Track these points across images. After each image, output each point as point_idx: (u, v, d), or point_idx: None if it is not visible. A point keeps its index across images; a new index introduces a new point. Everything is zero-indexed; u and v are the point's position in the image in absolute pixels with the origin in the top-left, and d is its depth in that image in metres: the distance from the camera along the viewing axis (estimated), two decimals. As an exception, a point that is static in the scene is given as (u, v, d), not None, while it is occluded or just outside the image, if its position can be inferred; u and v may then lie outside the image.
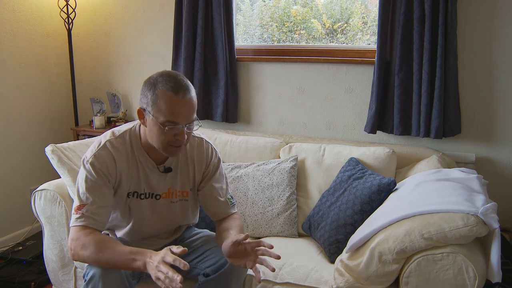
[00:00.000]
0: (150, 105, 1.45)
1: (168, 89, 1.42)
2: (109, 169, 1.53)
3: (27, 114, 2.97)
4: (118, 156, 1.55)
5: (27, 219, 2.93)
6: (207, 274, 1.61)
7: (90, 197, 1.48)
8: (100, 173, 1.51)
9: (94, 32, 3.14)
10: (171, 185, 1.66)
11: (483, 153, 2.30)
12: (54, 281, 2.14)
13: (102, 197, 1.51)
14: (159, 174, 1.63)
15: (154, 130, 1.47)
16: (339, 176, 2.11)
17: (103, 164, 1.52)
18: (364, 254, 1.55)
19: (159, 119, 1.44)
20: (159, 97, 1.43)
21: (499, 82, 2.22)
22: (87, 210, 1.47)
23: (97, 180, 1.50)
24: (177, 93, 1.42)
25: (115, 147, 1.55)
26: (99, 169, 1.51)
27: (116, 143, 1.56)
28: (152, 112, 1.45)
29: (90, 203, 1.48)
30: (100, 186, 1.51)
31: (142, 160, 1.59)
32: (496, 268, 1.40)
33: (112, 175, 1.54)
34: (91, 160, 1.51)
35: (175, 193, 1.67)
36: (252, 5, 2.95)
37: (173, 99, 1.42)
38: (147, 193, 1.62)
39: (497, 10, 2.17)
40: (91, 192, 1.49)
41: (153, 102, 1.44)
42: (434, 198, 1.62)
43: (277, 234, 2.17)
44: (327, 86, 2.55)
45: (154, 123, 1.46)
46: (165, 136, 1.46)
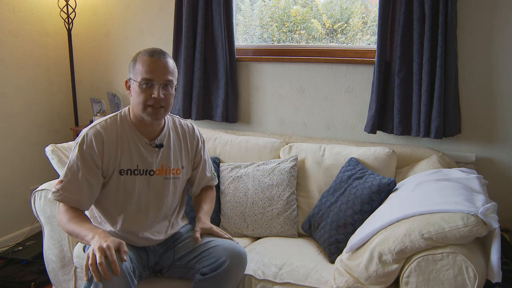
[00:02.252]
0: (132, 71, 1.64)
1: (145, 53, 1.63)
2: (96, 150, 1.62)
3: (27, 114, 2.97)
4: (108, 136, 1.65)
5: (27, 219, 2.93)
6: (204, 273, 1.62)
7: (70, 175, 1.61)
8: (86, 155, 1.61)
9: (94, 32, 3.14)
10: (164, 162, 1.74)
11: (483, 153, 2.30)
12: (54, 281, 2.14)
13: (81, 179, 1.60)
14: (152, 150, 1.71)
15: (134, 93, 1.63)
16: (339, 176, 2.11)
17: (90, 146, 1.62)
18: (364, 254, 1.55)
19: (137, 79, 1.61)
20: (137, 61, 1.63)
21: (499, 82, 2.22)
22: (62, 188, 1.60)
23: (80, 162, 1.60)
24: (152, 55, 1.62)
25: (105, 129, 1.66)
26: (85, 150, 1.61)
27: (107, 125, 1.67)
28: (133, 77, 1.64)
29: (67, 180, 1.61)
30: (82, 168, 1.60)
31: (134, 136, 1.69)
32: (496, 268, 1.40)
33: (98, 157, 1.63)
34: (79, 141, 1.63)
35: (168, 170, 1.75)
36: (252, 5, 2.95)
37: (148, 60, 1.61)
38: (141, 169, 1.70)
39: (497, 10, 2.17)
40: (71, 171, 1.61)
41: (133, 67, 1.64)
42: (434, 198, 1.62)
43: (277, 234, 2.17)
44: (327, 86, 2.55)
45: (134, 86, 1.62)
46: (143, 95, 1.60)
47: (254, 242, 2.14)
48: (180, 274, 1.74)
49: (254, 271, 1.76)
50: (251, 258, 1.79)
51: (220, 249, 1.64)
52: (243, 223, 2.19)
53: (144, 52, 1.64)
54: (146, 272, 1.73)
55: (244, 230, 2.19)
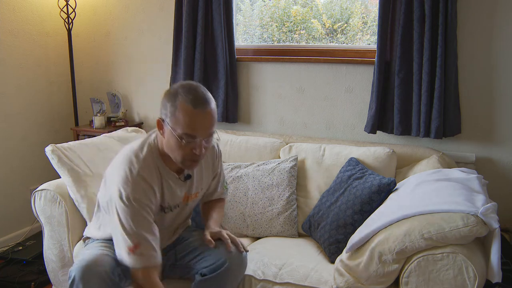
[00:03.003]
0: (169, 116, 1.44)
1: (187, 101, 1.41)
2: (150, 197, 1.50)
3: (27, 114, 2.97)
4: (151, 180, 1.52)
5: (27, 219, 2.92)
6: (204, 274, 1.62)
7: (143, 234, 1.45)
8: (145, 206, 1.48)
9: (94, 32, 3.14)
10: (188, 190, 1.68)
11: (483, 153, 2.30)
12: (54, 281, 2.14)
13: (152, 231, 1.48)
14: (180, 184, 1.63)
15: (171, 142, 1.46)
16: (339, 176, 2.11)
17: (143, 196, 1.48)
18: (364, 254, 1.55)
19: (177, 131, 1.43)
20: (178, 109, 1.42)
21: (499, 82, 2.22)
22: (145, 248, 1.45)
23: (143, 215, 1.47)
24: (196, 106, 1.41)
25: (147, 172, 1.51)
26: (142, 203, 1.47)
27: (146, 167, 1.51)
28: (170, 124, 1.44)
29: (144, 240, 1.45)
30: (148, 220, 1.48)
31: (165, 174, 1.57)
32: (496, 268, 1.40)
33: (153, 202, 1.52)
34: (132, 196, 1.46)
35: (190, 197, 1.70)
36: (252, 5, 2.95)
37: (191, 112, 1.41)
38: (171, 206, 1.63)
39: (497, 10, 2.17)
40: (142, 229, 1.46)
41: (172, 113, 1.43)
42: (434, 198, 1.62)
43: (277, 234, 2.17)
44: (327, 86, 2.55)
45: (171, 135, 1.45)
46: (182, 149, 1.45)
47: (254, 242, 2.14)
48: (180, 274, 1.74)
49: (254, 271, 1.76)
50: (251, 258, 1.79)
51: (221, 250, 1.64)
52: (243, 223, 2.19)
53: (187, 98, 1.41)
54: None
55: (244, 230, 2.19)
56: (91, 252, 1.55)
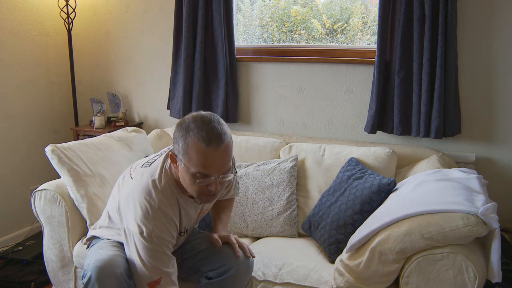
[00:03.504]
0: (181, 153, 1.37)
1: (199, 139, 1.33)
2: (172, 232, 1.48)
3: (27, 114, 2.97)
4: (171, 213, 1.49)
5: (27, 219, 2.92)
6: (210, 277, 1.62)
7: (163, 270, 1.43)
8: (167, 243, 1.46)
9: (94, 32, 3.14)
10: (201, 208, 1.66)
11: (483, 153, 2.30)
12: (54, 281, 2.14)
13: (172, 265, 1.47)
14: (196, 206, 1.61)
15: (186, 178, 1.41)
16: (339, 176, 2.11)
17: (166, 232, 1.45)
18: (364, 254, 1.55)
19: (190, 169, 1.36)
20: (190, 147, 1.34)
21: (499, 82, 2.22)
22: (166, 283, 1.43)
23: (164, 251, 1.45)
24: (209, 144, 1.33)
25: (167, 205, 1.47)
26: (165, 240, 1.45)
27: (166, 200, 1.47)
28: (183, 161, 1.37)
29: (165, 275, 1.43)
30: (168, 256, 1.46)
31: (182, 202, 1.54)
32: (496, 268, 1.40)
33: (174, 236, 1.50)
34: (155, 234, 1.42)
35: (202, 211, 1.69)
36: (252, 5, 2.95)
37: (204, 151, 1.33)
38: (188, 229, 1.63)
39: (496, 10, 2.17)
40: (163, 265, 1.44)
41: (184, 151, 1.36)
42: (434, 198, 1.62)
43: (277, 234, 2.17)
44: (327, 86, 2.55)
45: (185, 172, 1.39)
46: (197, 186, 1.39)
47: (254, 242, 2.14)
48: (185, 275, 1.74)
49: (255, 272, 1.75)
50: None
51: (228, 254, 1.63)
52: (243, 223, 2.19)
53: (199, 136, 1.33)
54: None
55: (244, 230, 2.19)
56: (106, 253, 1.53)
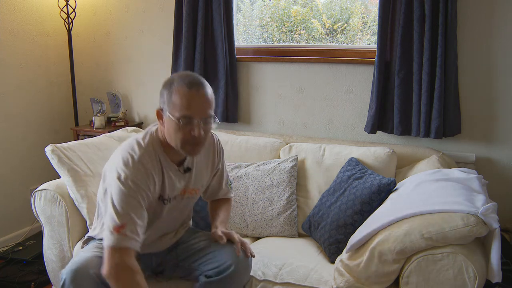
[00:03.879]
0: (166, 103, 1.47)
1: (182, 85, 1.45)
2: (148, 184, 1.50)
3: (27, 114, 2.97)
4: (151, 167, 1.52)
5: (27, 219, 2.92)
6: (209, 276, 1.62)
7: (131, 215, 1.43)
8: (141, 191, 1.47)
9: (94, 32, 3.14)
10: (186, 184, 1.67)
11: (483, 153, 2.30)
12: (54, 281, 2.14)
13: (141, 217, 1.46)
14: (180, 176, 1.63)
15: (171, 128, 1.48)
16: (339, 176, 2.11)
17: (142, 180, 1.48)
18: (364, 254, 1.55)
19: (175, 115, 1.45)
20: (174, 93, 1.45)
21: (499, 82, 2.22)
22: (131, 231, 1.41)
23: (136, 198, 1.46)
24: (191, 87, 1.44)
25: (147, 160, 1.51)
26: (139, 186, 1.47)
27: (147, 155, 1.52)
28: (168, 110, 1.46)
29: (131, 223, 1.42)
30: (140, 205, 1.46)
31: (166, 164, 1.57)
32: (496, 268, 1.40)
33: (151, 190, 1.51)
34: (131, 178, 1.46)
35: (188, 191, 1.69)
36: (252, 5, 2.95)
37: (187, 93, 1.43)
38: (170, 198, 1.62)
39: (496, 10, 2.17)
40: (132, 211, 1.44)
41: (169, 99, 1.46)
42: (434, 198, 1.62)
43: (277, 234, 2.17)
44: (327, 86, 2.55)
45: (170, 120, 1.47)
46: (181, 132, 1.46)
47: (254, 242, 2.14)
48: (183, 274, 1.74)
49: (255, 272, 1.75)
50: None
51: (226, 252, 1.63)
52: (243, 223, 2.19)
53: (181, 82, 1.45)
54: (146, 273, 1.72)
55: (244, 230, 2.19)
56: (83, 255, 1.54)
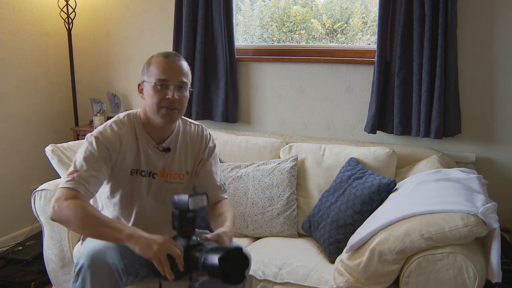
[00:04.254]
0: (145, 73, 1.62)
1: (159, 55, 1.62)
2: (113, 145, 1.60)
3: (27, 114, 2.97)
4: (123, 134, 1.63)
5: (27, 219, 2.92)
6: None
7: (85, 165, 1.53)
8: (103, 147, 1.57)
9: (94, 32, 3.14)
10: (167, 165, 1.71)
11: (483, 153, 2.30)
12: (54, 281, 2.14)
13: (97, 169, 1.54)
14: (158, 153, 1.69)
15: (148, 95, 1.60)
16: (339, 176, 2.11)
17: (107, 140, 1.59)
18: (364, 254, 1.55)
19: (152, 81, 1.58)
20: (152, 63, 1.61)
21: (499, 82, 2.22)
22: (78, 176, 1.51)
23: (96, 152, 1.56)
24: (166, 57, 1.61)
25: (120, 126, 1.64)
26: (101, 142, 1.58)
27: (121, 123, 1.66)
28: (147, 79, 1.61)
29: (83, 170, 1.52)
30: (98, 159, 1.55)
31: (143, 138, 1.67)
32: (496, 268, 1.40)
33: (115, 151, 1.60)
34: (96, 135, 1.59)
35: (170, 174, 1.72)
36: (252, 5, 2.95)
37: (163, 61, 1.59)
38: (146, 171, 1.68)
39: (497, 10, 2.17)
40: (87, 161, 1.54)
41: (147, 69, 1.62)
42: (434, 198, 1.62)
43: (277, 234, 2.17)
44: (327, 86, 2.55)
45: (148, 88, 1.60)
46: (157, 96, 1.57)
47: (254, 242, 2.14)
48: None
49: (254, 271, 1.76)
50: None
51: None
52: (243, 223, 2.19)
53: (159, 54, 1.63)
54: (144, 270, 1.72)
55: (244, 230, 2.19)
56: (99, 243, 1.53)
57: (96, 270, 1.43)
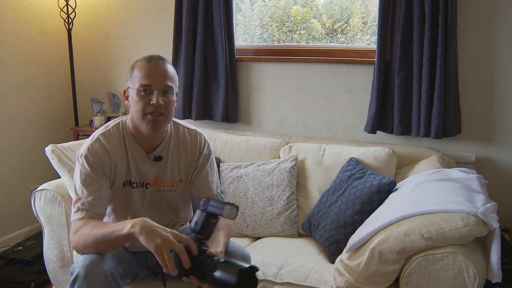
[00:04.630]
0: (129, 80, 1.58)
1: (142, 60, 1.57)
2: (103, 161, 1.57)
3: (27, 114, 2.97)
4: (111, 147, 1.59)
5: (27, 219, 2.92)
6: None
7: (85, 190, 1.52)
8: (94, 165, 1.54)
9: (94, 32, 3.14)
10: (159, 174, 1.67)
11: (483, 153, 2.30)
12: (54, 281, 2.14)
13: (97, 190, 1.53)
14: (149, 163, 1.65)
15: (133, 101, 1.56)
16: (339, 176, 2.11)
17: (96, 156, 1.56)
18: (364, 254, 1.55)
19: (135, 86, 1.54)
20: (135, 69, 1.56)
21: (499, 82, 2.22)
22: (82, 203, 1.50)
23: (90, 173, 1.53)
24: (149, 61, 1.55)
25: (108, 139, 1.60)
26: (92, 161, 1.55)
27: (109, 134, 1.61)
28: (130, 85, 1.57)
29: (85, 196, 1.51)
30: (94, 179, 1.54)
31: (132, 148, 1.63)
32: (496, 268, 1.40)
33: (106, 167, 1.58)
34: (85, 154, 1.56)
35: (163, 183, 1.68)
36: (252, 5, 2.95)
37: (145, 66, 1.54)
38: (138, 182, 1.65)
39: (497, 10, 2.17)
40: (85, 185, 1.53)
41: (130, 75, 1.57)
42: (434, 198, 1.62)
43: (277, 234, 2.17)
44: (327, 86, 2.55)
45: (133, 94, 1.55)
46: (141, 102, 1.52)
47: (254, 242, 2.14)
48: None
49: (254, 271, 1.75)
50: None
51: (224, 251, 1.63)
52: (243, 223, 2.19)
53: (142, 59, 1.57)
54: (144, 272, 1.72)
55: (244, 230, 2.19)
56: None
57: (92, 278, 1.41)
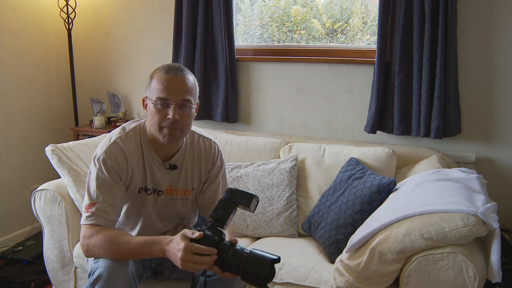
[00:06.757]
0: (148, 89, 1.54)
1: (161, 70, 1.52)
2: (121, 165, 1.53)
3: (27, 114, 2.97)
4: (129, 152, 1.56)
5: (27, 219, 2.92)
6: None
7: (101, 195, 1.48)
8: (112, 170, 1.51)
9: (94, 32, 3.14)
10: (173, 182, 1.66)
11: (483, 153, 2.30)
12: (54, 281, 2.14)
13: (113, 196, 1.50)
14: (164, 171, 1.63)
15: (150, 113, 1.53)
16: (339, 176, 2.11)
17: (114, 161, 1.52)
18: (364, 254, 1.55)
19: (152, 98, 1.50)
20: (154, 78, 1.52)
21: (499, 82, 2.22)
22: (97, 209, 1.47)
23: (108, 178, 1.50)
24: (168, 72, 1.50)
25: (126, 143, 1.56)
26: (110, 166, 1.51)
27: (127, 139, 1.58)
28: (148, 95, 1.53)
29: (100, 201, 1.48)
30: (111, 184, 1.50)
31: (149, 155, 1.60)
32: (496, 268, 1.40)
33: (123, 172, 1.54)
34: (103, 157, 1.51)
35: (176, 191, 1.67)
36: (252, 5, 2.95)
37: (163, 77, 1.49)
38: (151, 188, 1.63)
39: (497, 10, 2.17)
40: (101, 190, 1.49)
41: (149, 85, 1.53)
42: (434, 198, 1.62)
43: (277, 234, 2.17)
44: (327, 86, 2.55)
45: (150, 105, 1.52)
46: (158, 115, 1.49)
47: (254, 242, 2.14)
48: (182, 276, 1.73)
49: (254, 271, 1.75)
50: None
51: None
52: (243, 223, 2.19)
53: (161, 68, 1.53)
54: (147, 273, 1.73)
55: (244, 230, 2.19)
56: None
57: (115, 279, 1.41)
